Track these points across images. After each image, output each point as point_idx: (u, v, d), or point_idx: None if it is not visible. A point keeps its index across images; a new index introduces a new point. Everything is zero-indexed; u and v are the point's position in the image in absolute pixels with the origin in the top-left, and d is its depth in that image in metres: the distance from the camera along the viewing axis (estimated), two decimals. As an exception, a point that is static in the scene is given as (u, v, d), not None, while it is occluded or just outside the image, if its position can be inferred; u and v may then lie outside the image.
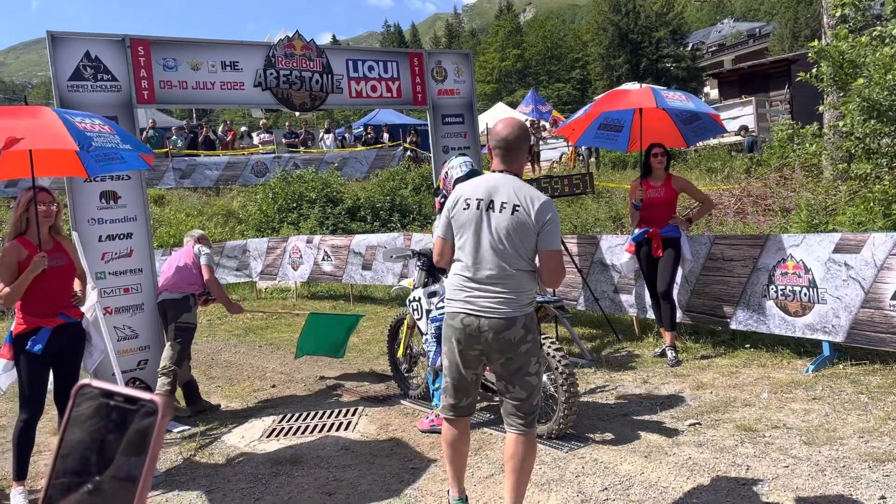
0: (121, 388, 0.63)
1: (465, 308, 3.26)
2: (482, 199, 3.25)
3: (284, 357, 7.96)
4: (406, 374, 5.96)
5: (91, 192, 5.67)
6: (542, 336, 4.61)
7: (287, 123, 24.58)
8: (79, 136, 4.07)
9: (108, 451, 0.61)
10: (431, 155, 7.96)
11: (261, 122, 24.21)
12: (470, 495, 3.92)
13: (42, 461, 4.93)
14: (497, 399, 5.26)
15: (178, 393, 5.86)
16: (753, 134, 21.24)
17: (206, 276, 5.86)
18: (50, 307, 4.22)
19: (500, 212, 3.20)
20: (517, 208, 3.18)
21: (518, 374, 3.27)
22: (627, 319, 7.56)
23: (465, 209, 3.28)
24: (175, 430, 5.50)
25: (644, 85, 15.90)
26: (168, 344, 5.72)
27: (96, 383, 0.64)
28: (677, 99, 6.42)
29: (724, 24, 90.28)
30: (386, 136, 24.09)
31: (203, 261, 5.89)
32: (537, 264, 3.31)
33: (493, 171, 3.37)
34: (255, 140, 23.04)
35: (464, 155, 5.37)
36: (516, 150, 3.32)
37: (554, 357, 4.49)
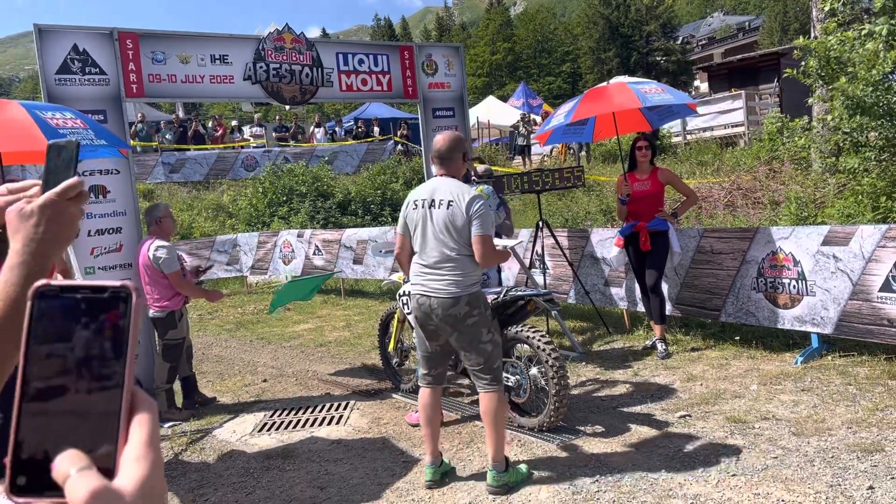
0: (83, 281, 0.60)
1: (420, 290, 3.88)
2: (426, 199, 3.89)
3: (276, 351, 7.95)
4: (397, 368, 5.96)
5: (79, 187, 5.63)
6: (532, 330, 4.63)
7: (277, 117, 24.47)
8: (50, 133, 3.99)
9: (82, 350, 0.58)
10: (422, 148, 7.95)
11: (255, 116, 24.10)
12: (462, 487, 3.95)
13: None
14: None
15: (177, 386, 5.83)
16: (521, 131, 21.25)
17: (174, 283, 5.44)
18: None
19: (439, 208, 3.83)
20: (451, 203, 3.79)
21: (472, 344, 3.85)
22: (618, 312, 7.58)
23: (414, 209, 3.94)
24: (166, 426, 5.49)
25: (618, 79, 15.86)
26: (159, 361, 5.66)
27: (55, 282, 0.60)
28: (655, 92, 6.35)
29: (713, 17, 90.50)
30: (376, 129, 24.03)
31: (165, 270, 5.36)
32: None
33: (435, 176, 4.00)
34: (247, 133, 22.94)
35: None
36: (450, 158, 3.94)
37: (544, 350, 4.50)
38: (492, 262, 3.93)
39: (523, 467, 4.00)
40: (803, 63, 7.55)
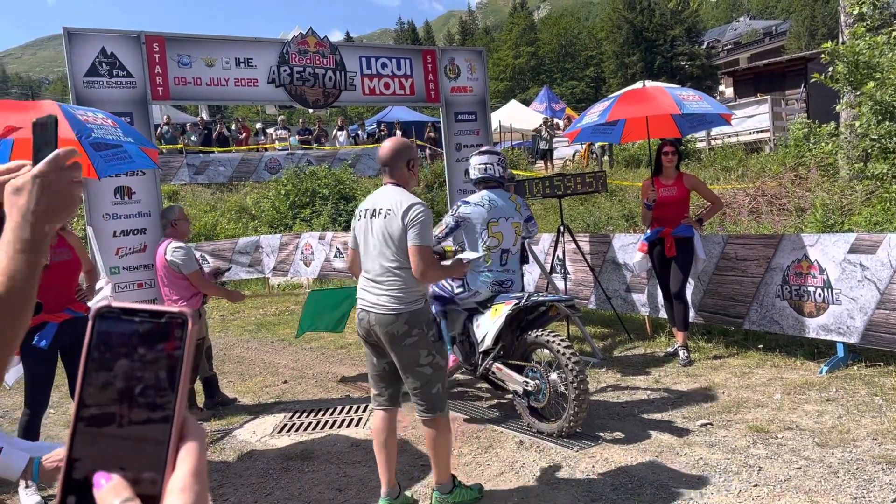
0: (141, 305, 0.61)
1: (361, 304, 3.70)
2: (369, 209, 3.72)
3: (296, 353, 7.99)
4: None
5: (106, 188, 5.71)
6: (553, 334, 4.60)
7: (301, 120, 24.65)
8: (77, 125, 4.11)
9: (138, 380, 0.59)
10: (444, 151, 7.96)
11: (279, 119, 24.33)
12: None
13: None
14: (507, 397, 5.27)
15: (198, 386, 5.88)
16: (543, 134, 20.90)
17: (196, 283, 5.41)
18: (55, 302, 4.20)
19: (378, 217, 3.64)
20: (389, 212, 3.59)
21: (410, 366, 3.60)
22: (639, 319, 7.53)
23: (359, 220, 3.78)
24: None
25: (653, 83, 15.80)
26: None
27: (116, 304, 0.61)
28: (692, 100, 6.32)
29: (739, 21, 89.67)
30: (399, 133, 24.08)
31: (185, 270, 5.34)
32: None
33: (383, 185, 3.79)
34: (272, 135, 23.12)
35: (484, 154, 5.28)
36: (393, 165, 3.74)
37: (564, 355, 4.47)
38: (431, 278, 3.63)
39: (475, 488, 3.86)
40: (831, 68, 7.46)
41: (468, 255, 4.12)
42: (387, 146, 3.78)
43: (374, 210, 3.68)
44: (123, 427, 0.58)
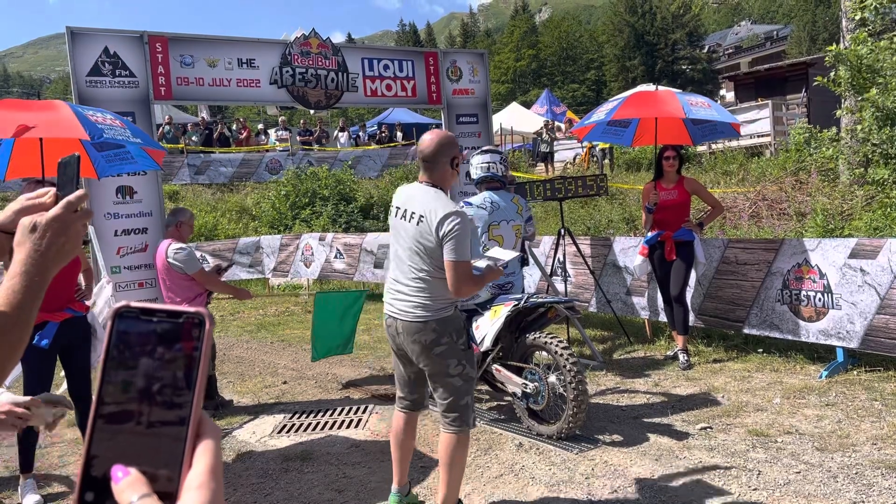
0: (159, 305, 0.62)
1: (388, 309, 3.51)
2: (400, 208, 3.46)
3: (296, 353, 7.98)
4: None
5: (107, 187, 5.72)
6: (551, 336, 4.60)
7: (302, 121, 24.69)
8: (90, 126, 4.13)
9: (156, 379, 0.60)
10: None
11: (280, 120, 24.36)
12: (479, 494, 3.93)
13: (55, 452, 4.98)
14: (506, 399, 5.27)
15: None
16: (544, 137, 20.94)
17: (202, 280, 5.39)
18: (55, 301, 4.19)
19: (410, 221, 3.37)
20: (422, 219, 3.31)
21: (439, 376, 3.42)
22: (639, 322, 7.53)
23: (392, 217, 3.51)
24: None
25: (662, 88, 15.83)
26: None
27: (135, 304, 0.62)
28: (700, 106, 6.33)
29: (741, 26, 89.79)
30: (399, 134, 24.13)
31: (188, 270, 5.29)
32: None
33: (418, 182, 3.50)
34: (273, 137, 23.15)
35: (486, 153, 5.24)
36: (434, 162, 3.41)
37: (562, 356, 4.48)
38: (465, 292, 3.33)
39: None
40: (834, 72, 7.47)
41: (499, 252, 3.75)
42: (429, 139, 3.41)
43: (405, 212, 3.40)
44: (141, 425, 0.59)
